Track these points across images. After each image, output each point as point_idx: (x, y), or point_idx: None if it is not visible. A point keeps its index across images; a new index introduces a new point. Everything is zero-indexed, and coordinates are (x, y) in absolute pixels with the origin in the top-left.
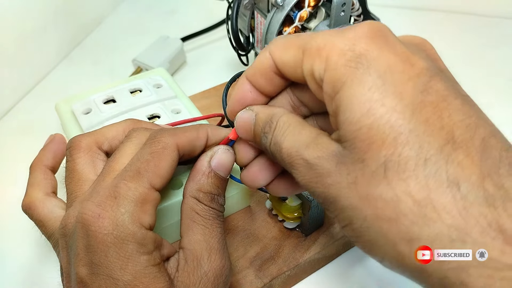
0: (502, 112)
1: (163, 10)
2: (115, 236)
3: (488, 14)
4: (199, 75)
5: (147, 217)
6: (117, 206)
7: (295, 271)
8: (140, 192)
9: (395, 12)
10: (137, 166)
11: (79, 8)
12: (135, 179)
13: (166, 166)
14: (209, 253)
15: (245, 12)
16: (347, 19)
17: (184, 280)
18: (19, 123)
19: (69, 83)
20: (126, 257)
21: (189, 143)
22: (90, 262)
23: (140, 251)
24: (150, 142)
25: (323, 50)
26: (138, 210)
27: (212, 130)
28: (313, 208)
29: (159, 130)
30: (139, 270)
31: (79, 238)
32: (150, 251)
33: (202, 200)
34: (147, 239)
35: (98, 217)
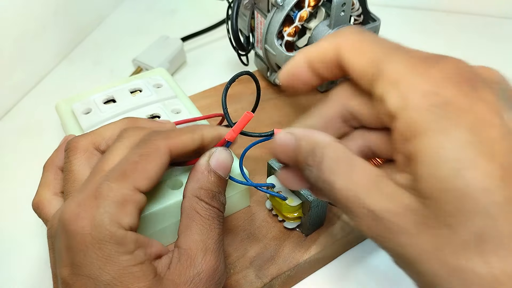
0: None
1: (163, 10)
2: (93, 236)
3: (488, 14)
4: (199, 75)
5: (127, 218)
6: (96, 207)
7: (295, 271)
8: (122, 193)
9: (395, 12)
10: (124, 167)
11: (79, 8)
12: (119, 180)
13: (154, 169)
14: (204, 253)
15: (245, 12)
16: (347, 19)
17: (174, 278)
18: (19, 123)
19: (69, 83)
20: (104, 257)
21: (183, 146)
22: (71, 263)
23: (119, 251)
24: (142, 144)
25: (401, 83)
26: (118, 211)
27: (207, 132)
28: (313, 208)
29: (153, 133)
30: (118, 270)
31: (61, 238)
32: (130, 251)
33: (203, 197)
34: (126, 239)
35: (77, 217)
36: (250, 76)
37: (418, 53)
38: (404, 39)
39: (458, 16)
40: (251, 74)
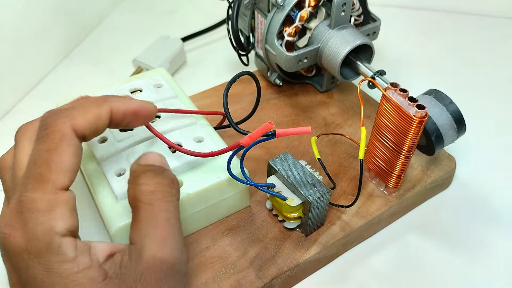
0: (502, 112)
1: (163, 10)
2: (29, 251)
3: (488, 14)
4: (199, 75)
5: (60, 223)
6: (25, 222)
7: (295, 271)
8: (46, 201)
9: (395, 12)
10: (36, 171)
11: (79, 8)
12: (38, 188)
13: (69, 159)
14: (150, 243)
15: (245, 12)
16: (347, 19)
17: (124, 277)
18: (19, 123)
19: (69, 83)
20: (45, 270)
21: (90, 124)
22: (19, 281)
23: (58, 261)
24: (44, 135)
25: None
26: (47, 219)
27: (117, 106)
28: (313, 208)
29: (50, 115)
30: (61, 280)
31: (4, 259)
32: (71, 258)
33: (142, 179)
34: (63, 247)
35: (9, 237)
36: (251, 76)
37: None
38: (404, 39)
39: (458, 16)
40: (251, 75)
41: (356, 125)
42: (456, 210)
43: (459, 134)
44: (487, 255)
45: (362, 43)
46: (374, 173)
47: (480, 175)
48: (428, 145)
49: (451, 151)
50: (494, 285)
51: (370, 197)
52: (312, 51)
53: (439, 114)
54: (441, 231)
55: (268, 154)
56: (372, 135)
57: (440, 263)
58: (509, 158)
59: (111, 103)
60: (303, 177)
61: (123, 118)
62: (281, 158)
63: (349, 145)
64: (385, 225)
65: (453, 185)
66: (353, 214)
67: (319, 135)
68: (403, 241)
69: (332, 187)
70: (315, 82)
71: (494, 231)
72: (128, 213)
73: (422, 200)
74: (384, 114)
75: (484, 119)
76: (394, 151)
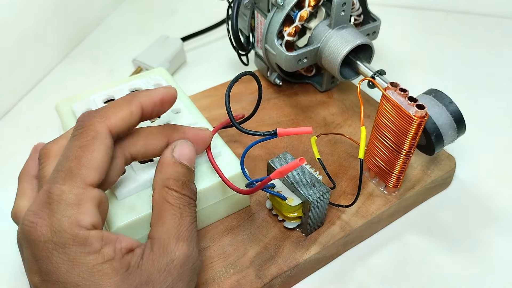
0: (501, 112)
1: (163, 10)
2: (55, 242)
3: (488, 14)
4: (199, 75)
5: (87, 218)
6: (52, 213)
7: (295, 271)
8: (75, 194)
9: (395, 12)
10: (67, 165)
11: (79, 8)
12: (68, 181)
13: (100, 158)
14: (176, 240)
15: (245, 11)
16: (347, 18)
17: (147, 267)
18: (19, 123)
19: (69, 83)
20: (70, 261)
21: (123, 123)
22: (39, 270)
23: (84, 252)
24: (79, 133)
25: None
26: (75, 212)
27: (145, 99)
28: (313, 208)
29: (86, 115)
30: (86, 270)
31: (26, 248)
32: (96, 249)
33: (172, 187)
34: (90, 239)
35: (36, 226)
36: (253, 76)
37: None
38: (404, 39)
39: (458, 16)
40: (253, 75)
41: (356, 124)
42: (456, 210)
43: (459, 134)
44: (487, 255)
45: (362, 43)
46: (374, 173)
47: (480, 175)
48: (428, 144)
49: (451, 151)
50: (494, 285)
51: (370, 197)
52: (312, 51)
53: (439, 114)
54: (441, 231)
55: (268, 154)
56: (372, 134)
57: (440, 262)
58: (509, 158)
59: (140, 98)
60: (303, 177)
61: (152, 110)
62: (281, 158)
63: (349, 145)
64: (385, 225)
65: (453, 185)
66: (353, 214)
67: (319, 135)
68: (403, 241)
69: (332, 187)
70: (315, 81)
71: (494, 231)
72: (128, 213)
73: (422, 200)
74: (384, 114)
75: (484, 119)
76: (394, 150)
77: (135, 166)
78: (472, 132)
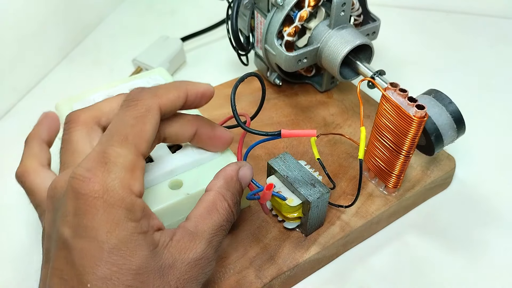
0: (502, 112)
1: (163, 10)
2: (105, 200)
3: (488, 14)
4: (199, 75)
5: (137, 184)
6: (107, 172)
7: (295, 271)
8: (130, 159)
9: (395, 12)
10: (123, 131)
11: (79, 8)
12: (123, 145)
13: (150, 131)
14: (207, 245)
15: (245, 12)
16: (347, 19)
17: (174, 252)
18: (19, 123)
19: (69, 83)
20: (114, 222)
21: (171, 104)
22: (76, 225)
23: (128, 217)
24: (133, 104)
25: None
26: (128, 176)
27: (191, 88)
28: (313, 208)
29: (139, 91)
30: (126, 235)
31: (69, 200)
32: (137, 218)
33: (228, 199)
34: (135, 206)
35: (89, 181)
36: (257, 78)
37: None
38: (404, 39)
39: (458, 16)
40: (258, 76)
41: (355, 125)
42: (455, 210)
43: (458, 134)
44: (486, 255)
45: (362, 43)
46: (374, 173)
47: (479, 175)
48: (428, 145)
49: (451, 151)
50: (494, 285)
51: (370, 197)
52: (311, 51)
53: (439, 114)
54: (441, 231)
55: (268, 154)
56: (372, 135)
57: (439, 263)
58: (509, 158)
59: (187, 86)
60: (302, 177)
61: (194, 100)
62: (281, 158)
63: (349, 145)
64: (384, 225)
65: (452, 185)
66: (353, 214)
67: (318, 135)
68: (403, 241)
69: (331, 187)
70: (315, 82)
71: (494, 231)
72: None
73: (421, 200)
74: (384, 114)
75: (484, 119)
76: (393, 151)
77: None
78: (472, 132)
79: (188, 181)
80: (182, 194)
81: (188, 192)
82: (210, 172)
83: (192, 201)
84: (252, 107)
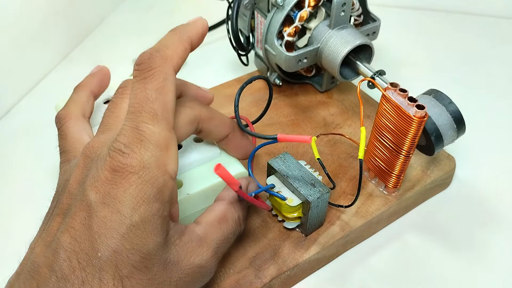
0: (502, 112)
1: (163, 10)
2: (139, 176)
3: (488, 14)
4: (199, 75)
5: (172, 163)
6: (145, 150)
7: (295, 271)
8: (164, 137)
9: (395, 12)
10: (150, 106)
11: (79, 8)
12: (155, 122)
13: (173, 100)
14: (213, 254)
15: (245, 12)
16: (347, 19)
17: (180, 252)
18: (19, 123)
19: (69, 83)
20: (142, 199)
21: (182, 60)
22: (106, 192)
23: (156, 197)
24: (150, 75)
25: None
26: (163, 155)
27: (192, 33)
28: (313, 208)
29: (149, 56)
30: (148, 215)
31: (104, 168)
32: (164, 200)
33: (239, 211)
34: (166, 188)
35: (128, 157)
36: (266, 81)
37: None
38: (404, 39)
39: (458, 16)
40: (267, 80)
41: (355, 125)
42: (456, 210)
43: (458, 134)
44: (487, 255)
45: (362, 43)
46: (374, 173)
47: (480, 175)
48: (428, 145)
49: (451, 151)
50: (494, 285)
51: (370, 197)
52: (311, 51)
53: (439, 114)
54: (441, 231)
55: (268, 154)
56: (372, 135)
57: (439, 263)
58: (509, 158)
59: (188, 33)
60: (302, 177)
61: (197, 43)
62: (281, 158)
63: (349, 145)
64: (384, 225)
65: (453, 185)
66: (353, 214)
67: (318, 135)
68: (403, 241)
69: (331, 187)
70: (315, 82)
71: (494, 231)
72: None
73: (422, 200)
74: (384, 114)
75: (484, 119)
76: (393, 151)
77: None
78: (472, 132)
79: (188, 181)
80: (182, 194)
81: (188, 192)
82: (210, 172)
83: (192, 201)
84: (253, 107)
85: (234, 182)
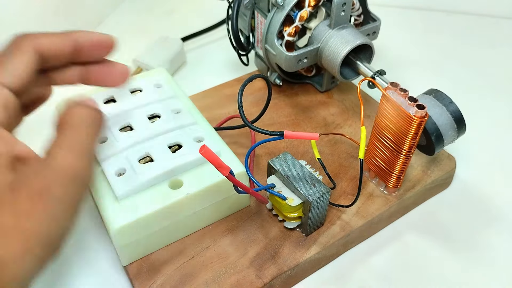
0: (502, 112)
1: (163, 10)
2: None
3: (488, 14)
4: (199, 75)
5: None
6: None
7: (295, 271)
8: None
9: (395, 12)
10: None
11: (79, 8)
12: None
13: (17, 65)
14: (65, 152)
15: (245, 12)
16: (347, 19)
17: (30, 174)
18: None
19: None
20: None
21: (55, 48)
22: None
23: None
24: (5, 48)
25: None
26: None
27: (82, 35)
28: (314, 208)
29: (18, 35)
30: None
31: None
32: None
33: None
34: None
35: None
36: (265, 80)
37: None
38: (404, 39)
39: (458, 16)
40: (265, 78)
41: (356, 125)
42: (456, 210)
43: (459, 134)
44: (487, 255)
45: (362, 43)
46: (374, 173)
47: (480, 175)
48: (428, 145)
49: (451, 151)
50: (494, 285)
51: (370, 197)
52: (312, 51)
53: (439, 114)
54: (441, 231)
55: (268, 153)
56: (372, 135)
57: (440, 263)
58: (509, 158)
59: (77, 33)
60: (303, 177)
61: (88, 49)
62: (281, 158)
63: (349, 145)
64: (385, 225)
65: (453, 185)
66: (353, 214)
67: (319, 135)
68: (403, 241)
69: (332, 187)
70: (315, 82)
71: (494, 231)
72: (129, 213)
73: (422, 200)
74: (384, 114)
75: (484, 119)
76: (394, 151)
77: (135, 166)
78: (472, 132)
79: (188, 181)
80: (182, 194)
81: (188, 192)
82: (210, 172)
83: (192, 201)
84: (253, 107)
85: (223, 166)
